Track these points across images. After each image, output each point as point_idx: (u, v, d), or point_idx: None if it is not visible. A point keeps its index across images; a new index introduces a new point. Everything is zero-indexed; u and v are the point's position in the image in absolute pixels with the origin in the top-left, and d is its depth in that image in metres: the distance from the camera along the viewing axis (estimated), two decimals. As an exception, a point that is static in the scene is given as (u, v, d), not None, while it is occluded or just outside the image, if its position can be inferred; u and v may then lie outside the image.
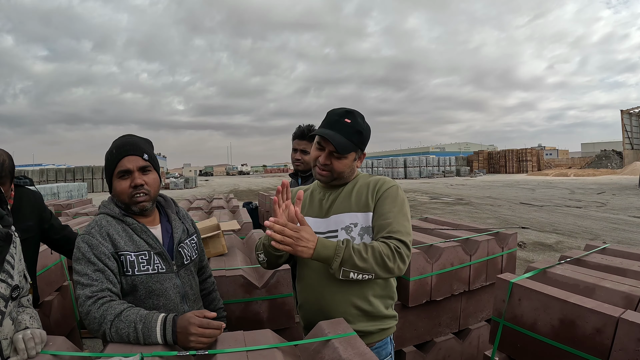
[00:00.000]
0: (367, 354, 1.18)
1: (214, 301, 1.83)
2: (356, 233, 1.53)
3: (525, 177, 36.13)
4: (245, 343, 1.28)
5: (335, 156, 1.53)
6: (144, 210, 1.51)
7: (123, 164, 1.46)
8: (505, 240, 3.11)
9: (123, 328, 1.26)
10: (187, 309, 1.54)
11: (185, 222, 1.70)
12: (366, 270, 1.37)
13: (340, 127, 1.51)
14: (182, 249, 1.60)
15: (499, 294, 1.98)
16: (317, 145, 1.57)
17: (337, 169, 1.54)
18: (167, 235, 1.59)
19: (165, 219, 1.64)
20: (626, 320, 1.47)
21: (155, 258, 1.49)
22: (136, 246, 1.47)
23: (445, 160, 46.43)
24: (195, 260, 1.68)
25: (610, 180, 26.82)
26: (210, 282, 1.84)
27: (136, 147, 1.49)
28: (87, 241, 1.41)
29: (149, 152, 1.53)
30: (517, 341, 1.87)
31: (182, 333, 1.25)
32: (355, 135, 1.52)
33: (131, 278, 1.44)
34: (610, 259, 2.30)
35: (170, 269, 1.52)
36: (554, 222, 10.21)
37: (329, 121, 1.55)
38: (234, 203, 6.21)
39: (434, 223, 3.76)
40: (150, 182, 1.50)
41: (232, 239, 2.95)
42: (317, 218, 1.61)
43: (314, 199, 1.67)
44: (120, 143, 1.51)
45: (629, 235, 8.06)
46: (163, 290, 1.48)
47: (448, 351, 2.82)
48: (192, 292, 1.60)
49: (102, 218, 1.49)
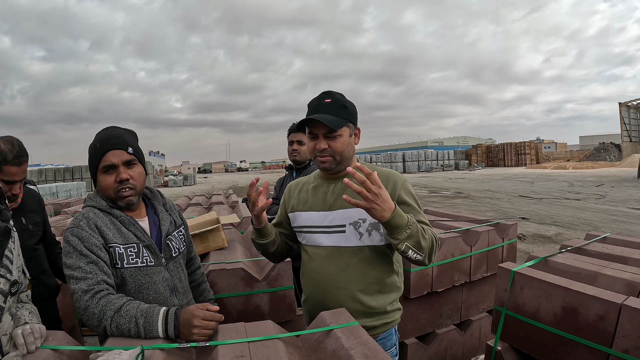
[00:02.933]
0: (369, 343, 1.17)
1: (204, 292, 1.80)
2: (364, 229, 1.50)
3: (524, 171, 36.13)
4: (247, 334, 1.27)
5: (330, 137, 1.50)
6: (130, 204, 1.48)
7: (107, 159, 1.42)
8: (506, 231, 3.11)
9: (124, 323, 1.24)
10: (177, 302, 1.51)
11: (172, 213, 1.67)
12: (422, 251, 1.37)
13: (323, 108, 1.49)
14: (170, 241, 1.56)
15: (501, 283, 1.97)
16: (309, 136, 1.55)
17: (337, 149, 1.51)
18: (154, 227, 1.56)
19: (152, 211, 1.60)
20: (629, 307, 1.47)
21: (144, 251, 1.46)
22: (125, 239, 1.44)
23: (444, 154, 46.45)
24: (183, 253, 1.65)
25: (609, 172, 26.84)
26: (199, 273, 1.82)
27: (120, 140, 1.45)
28: (77, 234, 1.37)
29: (134, 144, 1.49)
30: (519, 330, 1.86)
31: (184, 326, 1.23)
32: (341, 110, 1.50)
33: (120, 271, 1.41)
34: (611, 248, 2.29)
35: (158, 262, 1.49)
36: (553, 214, 10.21)
37: (311, 108, 1.53)
38: (233, 198, 6.20)
39: (434, 215, 3.76)
40: (135, 176, 1.47)
41: (232, 233, 2.94)
42: (321, 212, 1.57)
43: (317, 191, 1.62)
44: (103, 137, 1.46)
45: (628, 227, 8.06)
46: (152, 283, 1.45)
47: (450, 342, 2.82)
48: (181, 285, 1.57)
49: (89, 210, 1.45)
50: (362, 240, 1.51)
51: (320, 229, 1.57)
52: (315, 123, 1.49)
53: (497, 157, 51.06)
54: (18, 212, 1.86)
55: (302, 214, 1.62)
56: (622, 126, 37.13)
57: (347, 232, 1.52)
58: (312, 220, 1.59)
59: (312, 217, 1.59)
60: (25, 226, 1.87)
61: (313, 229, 1.59)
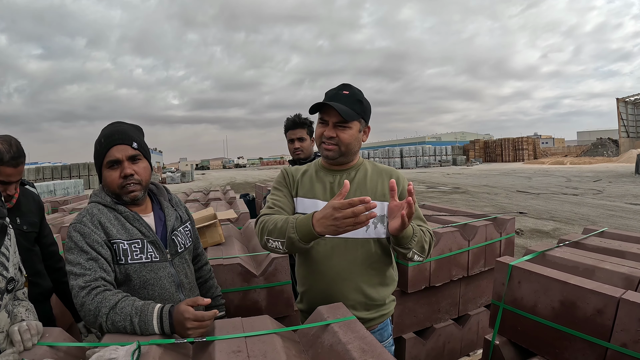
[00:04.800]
0: (367, 337, 1.17)
1: (211, 289, 1.80)
2: (371, 221, 1.50)
3: (522, 166, 36.18)
4: (244, 329, 1.26)
5: (340, 127, 1.50)
6: (136, 199, 1.47)
7: (112, 154, 1.42)
8: (503, 225, 3.11)
9: (119, 321, 1.24)
10: (183, 298, 1.50)
11: (178, 209, 1.66)
12: (424, 253, 1.45)
13: (340, 98, 1.49)
14: (175, 237, 1.56)
15: (499, 277, 1.97)
16: (320, 121, 1.55)
17: (344, 140, 1.50)
18: (160, 223, 1.55)
19: (157, 206, 1.60)
20: (627, 301, 1.46)
21: (148, 246, 1.45)
22: (129, 234, 1.43)
23: (442, 150, 46.50)
24: (189, 248, 1.65)
25: (607, 168, 26.88)
26: (206, 269, 1.81)
27: (125, 135, 1.44)
28: (79, 230, 1.37)
29: (139, 139, 1.48)
30: (517, 324, 1.86)
31: (178, 325, 1.22)
32: (356, 104, 1.50)
33: (124, 267, 1.40)
34: (609, 242, 2.29)
35: (164, 258, 1.48)
36: (550, 209, 10.23)
37: (327, 96, 1.53)
38: (230, 195, 6.19)
39: (431, 209, 3.75)
40: (140, 171, 1.46)
41: (229, 229, 2.93)
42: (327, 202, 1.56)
43: (321, 180, 1.61)
44: (108, 132, 1.46)
45: (625, 222, 8.09)
46: (157, 279, 1.45)
47: (448, 337, 2.83)
48: (187, 280, 1.57)
49: (94, 206, 1.45)
50: (369, 232, 1.52)
51: None
52: (328, 110, 1.49)
53: (494, 152, 51.11)
54: (13, 212, 1.84)
55: (306, 201, 1.60)
56: (620, 122, 37.20)
57: None
58: (316, 208, 1.57)
59: (317, 205, 1.56)
60: (19, 226, 1.85)
61: None
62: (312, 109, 1.53)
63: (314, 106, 1.51)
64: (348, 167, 1.60)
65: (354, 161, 1.61)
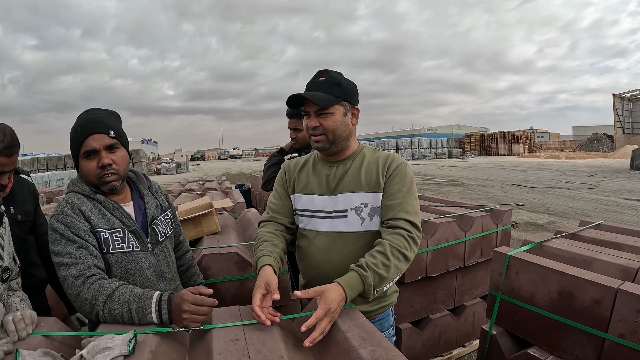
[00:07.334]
0: (366, 325, 1.16)
1: (193, 276, 1.78)
2: (366, 214, 1.48)
3: (517, 159, 36.31)
4: (242, 317, 1.25)
5: (321, 115, 1.46)
6: (114, 189, 1.44)
7: (88, 144, 1.37)
8: (500, 216, 3.11)
9: (116, 308, 1.21)
10: (164, 287, 1.49)
11: (158, 197, 1.63)
12: (395, 275, 1.36)
13: (317, 86, 1.46)
14: (156, 225, 1.53)
15: (496, 267, 1.97)
16: (304, 114, 1.52)
17: (328, 127, 1.46)
18: (140, 212, 1.52)
19: (137, 195, 1.56)
20: (625, 291, 1.46)
21: (129, 236, 1.42)
22: (110, 224, 1.40)
23: (437, 142, 46.53)
24: (170, 237, 1.62)
25: (602, 163, 27.02)
26: (188, 257, 1.79)
27: (102, 123, 1.39)
28: (63, 220, 1.33)
29: (116, 127, 1.43)
30: (514, 315, 1.87)
31: (175, 311, 1.20)
32: (334, 88, 1.45)
33: (106, 256, 1.37)
34: (606, 234, 2.30)
35: (144, 247, 1.46)
36: (545, 203, 10.28)
37: (307, 86, 1.50)
38: (226, 185, 6.16)
39: (428, 200, 3.75)
40: (118, 160, 1.41)
41: (225, 218, 2.91)
42: (323, 196, 1.54)
43: (318, 173, 1.58)
44: (84, 120, 1.40)
45: (620, 217, 8.14)
46: (138, 269, 1.42)
47: (444, 327, 2.84)
48: (168, 270, 1.54)
49: (73, 196, 1.41)
50: (364, 225, 1.49)
51: (321, 214, 1.54)
52: (307, 101, 1.45)
53: (490, 145, 51.21)
54: (7, 201, 1.81)
55: (303, 197, 1.59)
56: (615, 117, 37.36)
57: (349, 217, 1.49)
58: (313, 204, 1.56)
59: (314, 200, 1.55)
60: (13, 215, 1.83)
61: (314, 213, 1.56)
62: (288, 104, 1.49)
63: (288, 102, 1.48)
64: (344, 157, 1.56)
65: (350, 149, 1.56)
